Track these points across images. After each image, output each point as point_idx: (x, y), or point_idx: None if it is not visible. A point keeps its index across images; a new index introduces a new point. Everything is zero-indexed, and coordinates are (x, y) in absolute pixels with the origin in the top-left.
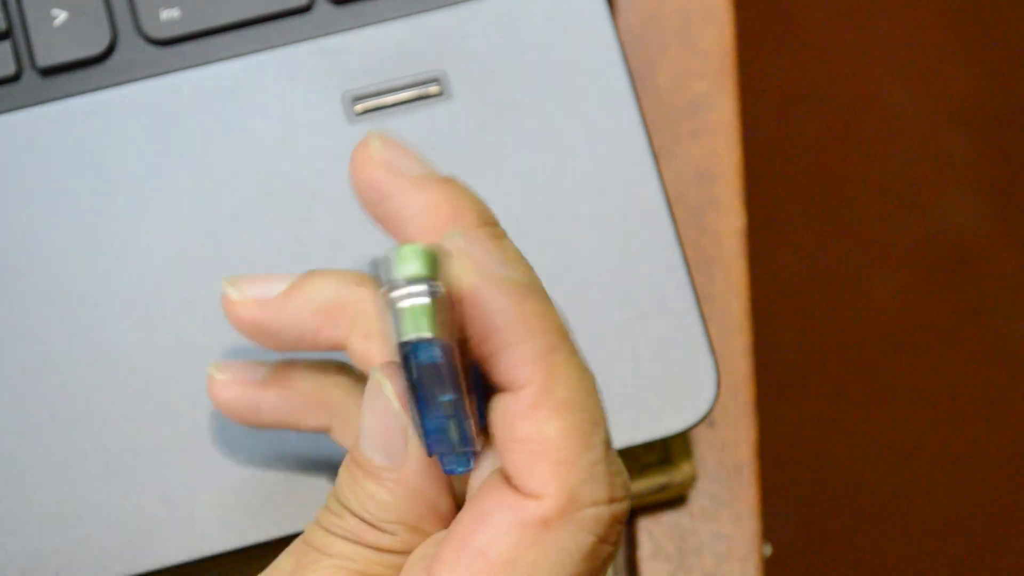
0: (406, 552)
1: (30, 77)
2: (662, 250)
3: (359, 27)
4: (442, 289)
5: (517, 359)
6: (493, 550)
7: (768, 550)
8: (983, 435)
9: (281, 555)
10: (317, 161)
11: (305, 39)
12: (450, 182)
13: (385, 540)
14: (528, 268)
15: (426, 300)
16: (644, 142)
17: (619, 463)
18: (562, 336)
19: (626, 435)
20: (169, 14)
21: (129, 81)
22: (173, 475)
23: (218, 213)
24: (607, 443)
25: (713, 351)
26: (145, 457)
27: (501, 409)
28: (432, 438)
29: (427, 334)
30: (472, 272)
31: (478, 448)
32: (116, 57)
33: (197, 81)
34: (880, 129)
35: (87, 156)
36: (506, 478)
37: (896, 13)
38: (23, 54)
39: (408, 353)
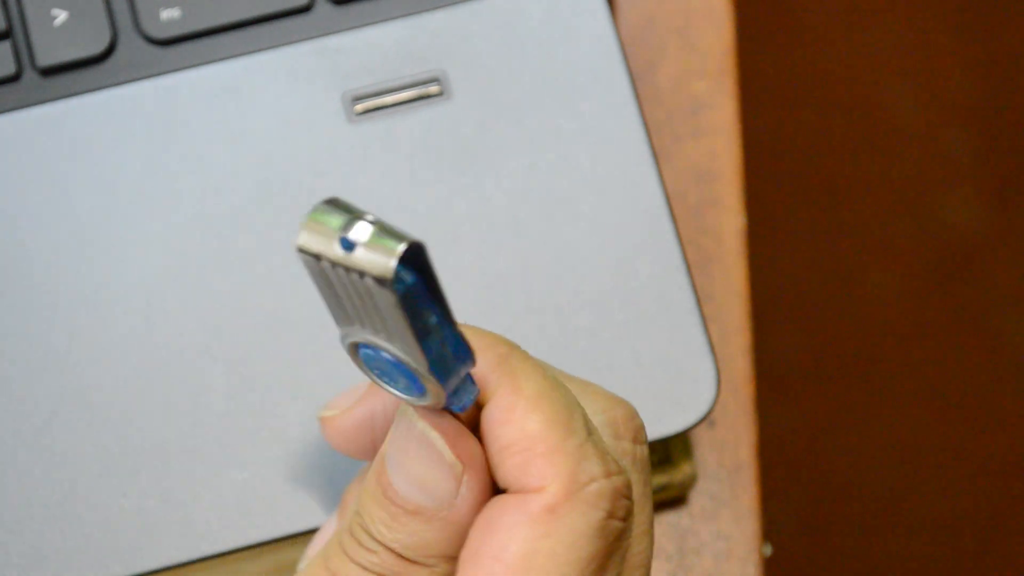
0: None
1: (30, 77)
2: (662, 250)
3: (359, 27)
4: (374, 216)
5: (478, 373)
6: (508, 551)
7: (768, 550)
8: (983, 435)
9: None
10: (317, 161)
11: (305, 39)
12: None
13: (424, 573)
14: None
15: (369, 227)
16: (644, 142)
17: (604, 442)
18: (511, 344)
19: None
20: (169, 14)
21: (129, 81)
22: (173, 475)
23: (218, 213)
24: (587, 426)
25: (713, 351)
26: (145, 457)
27: (483, 427)
28: (437, 368)
29: (393, 259)
30: None
31: (475, 356)
32: (116, 57)
33: (197, 81)
34: (880, 129)
35: (87, 156)
36: (504, 491)
37: (896, 13)
38: (23, 54)
39: (394, 284)
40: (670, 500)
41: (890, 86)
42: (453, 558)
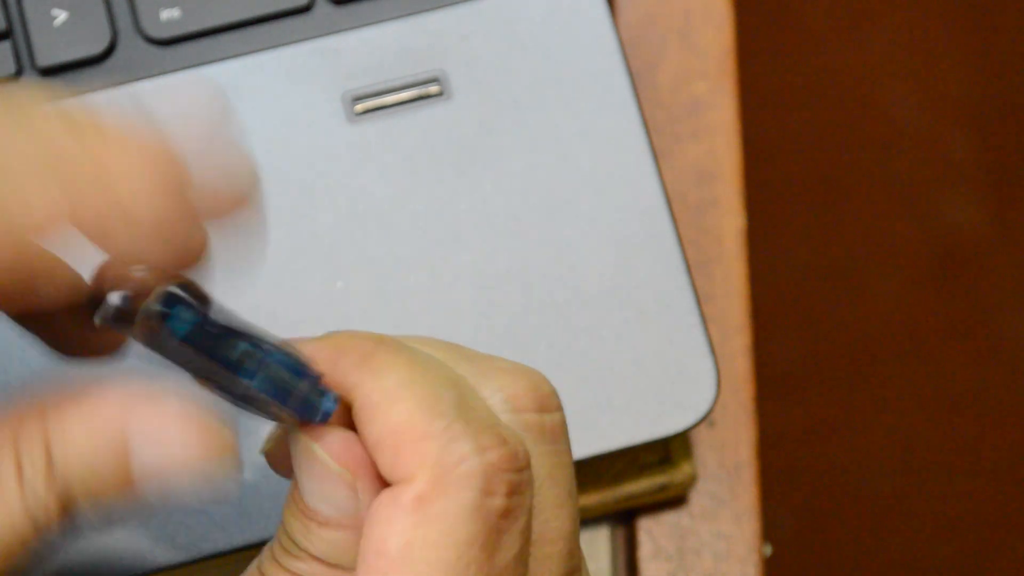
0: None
1: (30, 77)
2: (662, 250)
3: (359, 27)
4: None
5: (339, 376)
6: (388, 544)
7: (768, 550)
8: (983, 435)
9: None
10: (317, 161)
11: (305, 39)
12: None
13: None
14: None
15: (122, 298)
16: (644, 142)
17: (488, 417)
18: (378, 340)
19: (626, 435)
20: (169, 14)
21: (129, 81)
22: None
23: None
24: (460, 404)
25: (713, 351)
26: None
27: (357, 428)
28: (270, 391)
29: (149, 317)
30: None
31: (322, 372)
32: (116, 57)
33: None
34: (880, 129)
35: None
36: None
37: (896, 13)
38: (23, 54)
39: (166, 338)
40: (670, 500)
41: (890, 86)
42: None
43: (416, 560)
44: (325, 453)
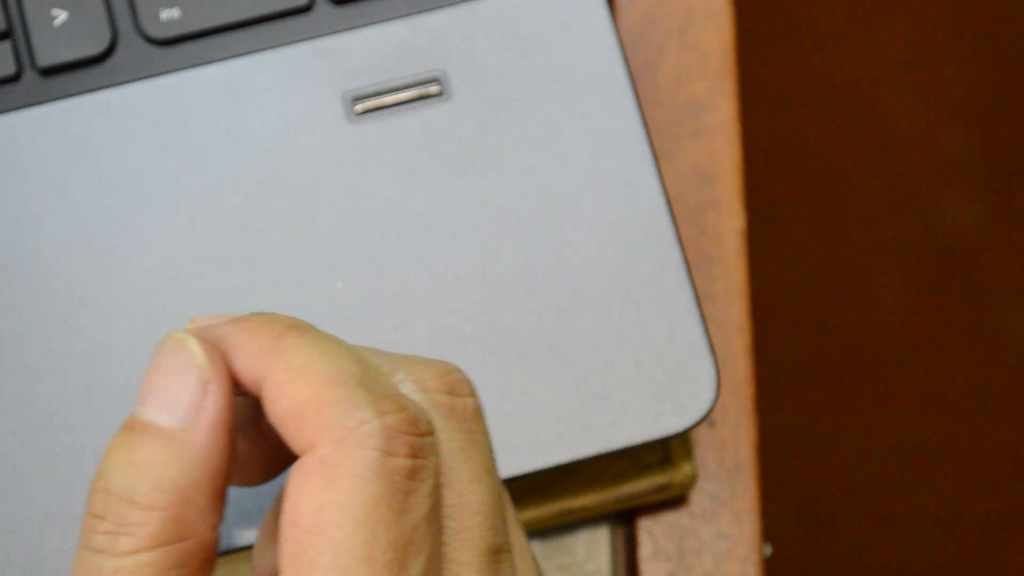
0: (162, 544)
1: (30, 77)
2: (662, 250)
3: (359, 27)
4: None
5: (249, 359)
6: (300, 511)
7: (768, 550)
8: (983, 435)
9: None
10: (317, 161)
11: (305, 39)
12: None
13: (152, 517)
14: None
15: None
16: (644, 142)
17: (390, 388)
18: (288, 324)
19: (626, 435)
20: (169, 14)
21: (129, 81)
22: None
23: (218, 213)
24: (362, 377)
25: (713, 351)
26: None
27: (265, 410)
28: None
29: None
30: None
31: None
32: (116, 57)
33: (197, 81)
34: (880, 129)
35: (87, 156)
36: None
37: (896, 13)
38: (23, 54)
39: None
40: (670, 500)
41: (890, 86)
42: (186, 502)
43: (328, 524)
44: (198, 348)
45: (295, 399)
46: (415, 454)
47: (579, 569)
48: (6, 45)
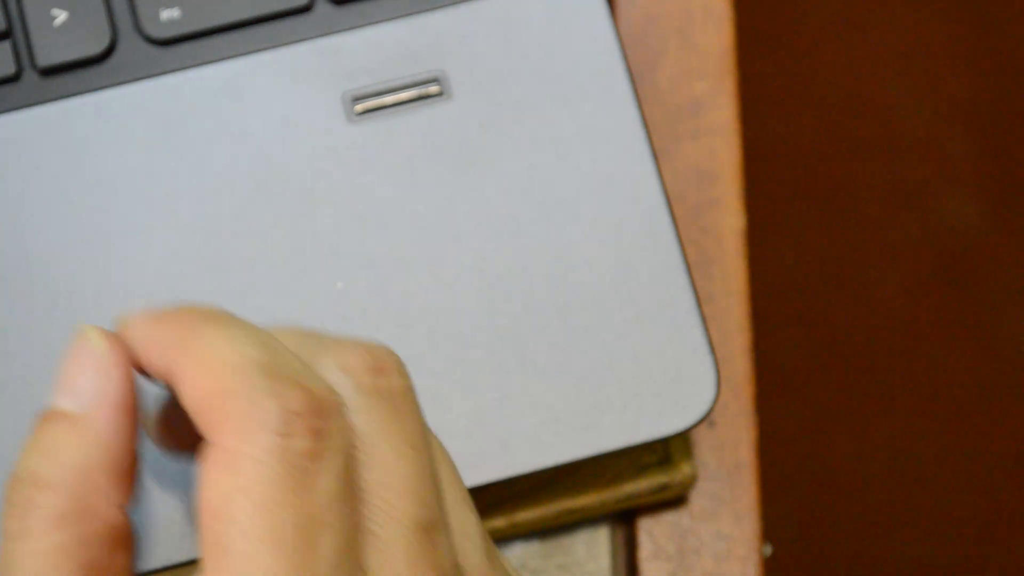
0: (69, 524)
1: (30, 77)
2: (662, 250)
3: (359, 27)
4: None
5: (162, 352)
6: (211, 501)
7: (768, 550)
8: (983, 435)
9: None
10: (317, 161)
11: (305, 39)
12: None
13: (52, 497)
14: None
15: None
16: (644, 142)
17: (296, 372)
18: (199, 317)
19: (626, 435)
20: (169, 14)
21: (129, 81)
22: (172, 475)
23: (217, 213)
24: (267, 364)
25: (713, 351)
26: (143, 456)
27: (182, 402)
28: None
29: None
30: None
31: None
32: (116, 57)
33: (197, 81)
34: (880, 129)
35: (87, 156)
36: None
37: (896, 13)
38: (23, 54)
39: None
40: (670, 500)
41: (890, 86)
42: (88, 483)
43: (235, 510)
44: (99, 338)
45: (202, 390)
46: (316, 435)
47: (579, 569)
48: (6, 45)
